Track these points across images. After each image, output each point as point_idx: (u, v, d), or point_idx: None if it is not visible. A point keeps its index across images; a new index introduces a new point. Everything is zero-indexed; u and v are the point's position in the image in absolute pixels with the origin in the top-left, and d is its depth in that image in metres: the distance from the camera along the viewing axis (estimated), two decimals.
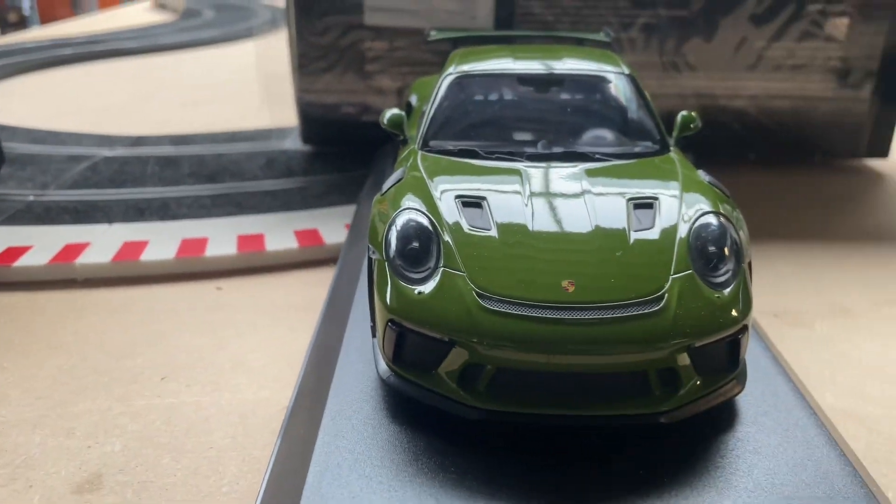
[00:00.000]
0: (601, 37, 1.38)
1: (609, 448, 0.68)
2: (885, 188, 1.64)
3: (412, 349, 0.69)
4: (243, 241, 1.30)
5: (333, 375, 0.77)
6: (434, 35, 1.41)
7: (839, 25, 1.62)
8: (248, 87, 2.56)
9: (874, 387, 0.90)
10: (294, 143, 1.90)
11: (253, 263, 1.26)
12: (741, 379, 0.71)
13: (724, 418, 0.71)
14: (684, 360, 0.66)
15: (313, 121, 1.80)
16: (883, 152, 1.71)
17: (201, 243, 1.28)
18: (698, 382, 0.67)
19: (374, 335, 0.75)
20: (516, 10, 1.66)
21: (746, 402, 0.74)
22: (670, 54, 1.66)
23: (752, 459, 0.66)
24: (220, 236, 1.32)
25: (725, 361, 0.69)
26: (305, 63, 1.72)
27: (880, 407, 0.86)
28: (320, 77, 1.73)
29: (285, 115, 1.98)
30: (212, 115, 2.29)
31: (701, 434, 0.69)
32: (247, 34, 3.86)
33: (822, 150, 1.73)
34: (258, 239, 1.31)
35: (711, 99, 1.69)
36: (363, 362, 0.79)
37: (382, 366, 0.73)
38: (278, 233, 1.33)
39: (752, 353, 0.83)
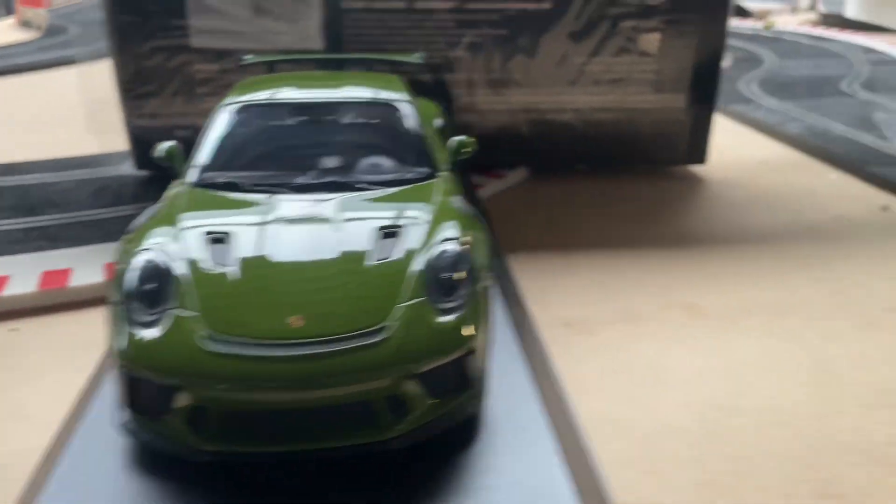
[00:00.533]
0: (415, 59, 1.41)
1: (347, 479, 0.69)
2: (700, 193, 1.74)
3: (143, 395, 0.68)
4: (47, 277, 1.25)
5: (81, 422, 0.75)
6: (248, 59, 1.41)
7: (652, 41, 1.71)
8: (93, 109, 2.46)
9: (641, 391, 0.95)
10: (130, 169, 1.84)
11: (56, 300, 1.21)
12: (477, 398, 0.74)
13: (463, 440, 0.74)
14: (411, 386, 0.68)
15: (146, 145, 1.75)
16: (700, 159, 1.81)
17: (0, 282, 1.23)
18: (430, 404, 0.69)
19: None
20: (344, 31, 1.67)
21: (492, 420, 0.76)
22: (497, 71, 1.70)
23: (480, 480, 0.69)
24: (24, 274, 1.26)
25: (455, 383, 0.71)
26: (132, 87, 1.68)
27: (640, 410, 0.91)
28: (149, 101, 1.69)
29: (125, 139, 1.91)
30: (49, 140, 2.19)
31: (436, 458, 0.71)
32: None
33: (645, 158, 1.82)
34: (63, 274, 1.26)
35: (539, 113, 1.75)
36: (112, 408, 0.77)
37: (121, 412, 0.71)
38: (88, 267, 1.29)
39: (513, 368, 0.87)
